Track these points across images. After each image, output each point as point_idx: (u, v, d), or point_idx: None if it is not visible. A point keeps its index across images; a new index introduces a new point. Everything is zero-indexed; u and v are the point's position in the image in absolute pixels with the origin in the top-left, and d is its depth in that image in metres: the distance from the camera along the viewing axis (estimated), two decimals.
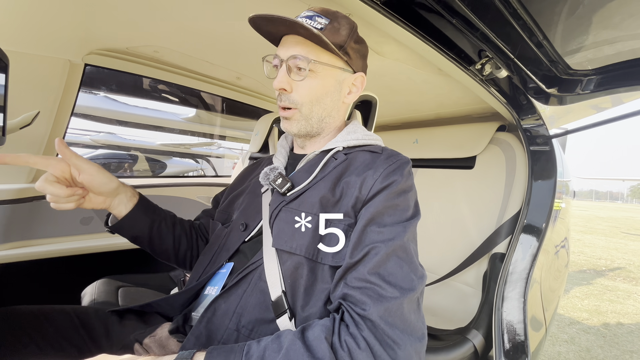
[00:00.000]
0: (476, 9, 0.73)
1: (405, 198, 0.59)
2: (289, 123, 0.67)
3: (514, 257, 1.06)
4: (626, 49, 0.81)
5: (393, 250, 0.52)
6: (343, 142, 0.68)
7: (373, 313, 0.47)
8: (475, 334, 1.01)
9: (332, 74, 0.66)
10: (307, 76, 0.62)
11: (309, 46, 0.62)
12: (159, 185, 1.57)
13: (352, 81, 0.70)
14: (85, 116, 3.81)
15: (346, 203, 0.59)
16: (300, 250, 0.56)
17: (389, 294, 0.49)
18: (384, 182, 0.58)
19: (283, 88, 0.63)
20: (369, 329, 0.46)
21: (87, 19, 0.98)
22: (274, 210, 0.63)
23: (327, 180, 0.62)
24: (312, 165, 0.67)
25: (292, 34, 0.62)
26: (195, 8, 0.89)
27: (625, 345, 2.81)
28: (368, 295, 0.49)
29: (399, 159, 0.63)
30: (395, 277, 0.51)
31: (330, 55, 0.64)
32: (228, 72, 1.41)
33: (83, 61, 1.18)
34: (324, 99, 0.67)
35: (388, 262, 0.52)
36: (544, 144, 1.17)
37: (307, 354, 0.44)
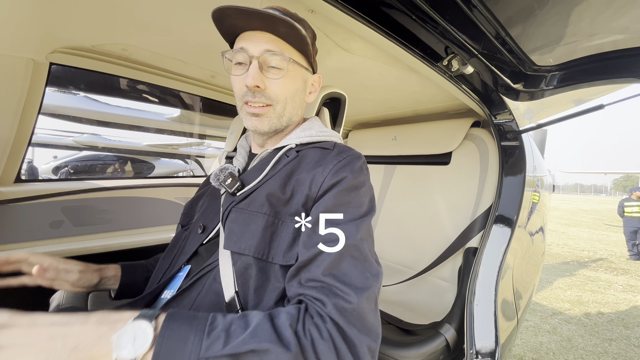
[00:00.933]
0: (436, 5, 0.73)
1: (356, 194, 0.58)
2: (259, 120, 0.64)
3: (485, 251, 1.08)
4: (584, 45, 0.83)
5: (346, 250, 0.51)
6: (296, 139, 0.68)
7: (331, 311, 0.46)
8: (448, 328, 1.03)
9: (301, 74, 0.66)
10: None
11: (282, 44, 0.60)
12: (133, 187, 1.53)
13: (312, 81, 0.71)
14: (66, 117, 3.72)
15: (297, 202, 0.58)
16: (249, 250, 0.56)
17: (345, 295, 0.48)
18: (334, 178, 0.57)
19: (257, 85, 0.60)
20: (332, 323, 0.46)
21: (48, 16, 0.95)
22: (225, 210, 0.62)
23: (277, 179, 0.62)
24: (264, 163, 0.66)
25: (265, 31, 0.60)
26: (163, 4, 0.87)
27: (604, 334, 2.90)
28: (325, 294, 0.48)
29: (349, 154, 0.62)
30: (349, 277, 0.50)
31: (299, 55, 0.64)
32: (202, 71, 1.39)
33: (47, 60, 1.14)
34: (294, 97, 0.66)
35: (342, 262, 0.51)
36: (514, 139, 1.19)
37: (275, 336, 0.42)
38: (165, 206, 1.62)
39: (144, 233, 1.53)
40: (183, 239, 0.70)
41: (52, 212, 1.30)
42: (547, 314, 3.28)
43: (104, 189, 1.44)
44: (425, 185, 1.49)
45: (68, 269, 0.67)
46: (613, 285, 4.45)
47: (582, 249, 7.12)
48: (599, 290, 4.16)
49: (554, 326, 3.01)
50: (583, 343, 2.72)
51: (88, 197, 1.40)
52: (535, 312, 3.31)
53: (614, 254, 6.69)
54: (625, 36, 0.79)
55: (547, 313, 3.32)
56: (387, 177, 1.66)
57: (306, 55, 0.66)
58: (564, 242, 8.05)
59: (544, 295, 3.86)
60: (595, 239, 8.72)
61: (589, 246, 7.52)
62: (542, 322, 3.08)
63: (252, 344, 0.40)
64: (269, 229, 0.57)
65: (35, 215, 1.26)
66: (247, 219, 0.59)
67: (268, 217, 0.58)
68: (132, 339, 0.38)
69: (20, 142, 1.23)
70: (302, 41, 0.60)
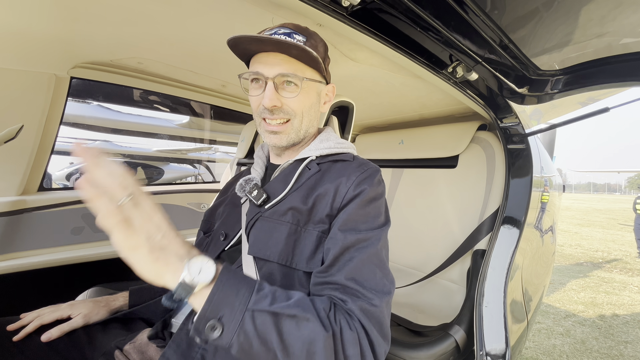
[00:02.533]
0: (439, 16, 0.76)
1: (375, 206, 0.62)
2: (278, 137, 0.68)
3: (494, 253, 1.09)
4: (587, 50, 0.84)
5: (368, 257, 0.55)
6: (316, 152, 0.71)
7: (356, 311, 0.50)
8: (458, 330, 1.04)
9: (314, 87, 0.69)
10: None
11: (295, 64, 0.64)
12: (150, 193, 1.58)
13: (326, 92, 0.74)
14: (80, 125, 3.83)
15: (320, 211, 0.61)
16: (274, 257, 0.59)
17: (368, 298, 0.51)
18: (356, 190, 0.61)
19: (274, 105, 0.64)
20: (358, 321, 0.49)
21: (70, 34, 1.01)
22: (250, 220, 0.66)
23: (301, 191, 0.65)
24: (287, 175, 0.69)
25: (278, 52, 0.63)
26: (177, 20, 0.92)
27: (620, 336, 2.84)
28: (349, 297, 0.52)
29: (369, 167, 0.66)
30: (370, 282, 0.53)
31: (312, 71, 0.67)
32: (213, 81, 1.44)
33: (68, 74, 1.21)
34: (310, 111, 0.70)
35: (363, 268, 0.54)
36: (520, 142, 1.20)
37: (315, 312, 0.47)
38: (180, 212, 1.67)
39: None
40: (205, 245, 0.74)
41: (73, 219, 1.36)
42: (560, 316, 3.23)
43: None
44: (432, 188, 1.50)
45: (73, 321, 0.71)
46: (628, 286, 4.34)
47: (596, 250, 6.97)
48: (614, 292, 4.07)
49: (567, 328, 2.96)
50: (597, 346, 2.67)
51: None
52: (548, 315, 3.26)
53: (629, 254, 6.52)
54: (629, 40, 0.80)
55: (560, 315, 3.26)
56: (395, 181, 1.68)
57: (319, 69, 0.69)
58: (577, 242, 7.88)
59: (557, 297, 3.80)
60: (609, 239, 8.51)
61: (602, 246, 7.35)
62: (555, 325, 3.03)
63: (295, 310, 0.45)
64: (292, 237, 0.60)
65: (57, 222, 1.32)
66: (272, 227, 0.62)
67: (291, 226, 0.61)
68: (199, 271, 0.44)
69: (43, 153, 1.30)
70: (314, 59, 0.63)
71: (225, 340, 0.43)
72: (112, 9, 0.86)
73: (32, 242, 1.28)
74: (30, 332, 0.65)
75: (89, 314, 0.71)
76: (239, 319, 0.44)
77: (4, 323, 0.66)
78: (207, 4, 0.82)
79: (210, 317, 0.43)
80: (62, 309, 0.71)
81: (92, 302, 0.74)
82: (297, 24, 0.67)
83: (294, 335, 0.44)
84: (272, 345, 0.44)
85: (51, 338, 0.65)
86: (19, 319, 0.68)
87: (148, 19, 0.92)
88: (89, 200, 0.41)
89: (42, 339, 0.64)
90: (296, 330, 0.45)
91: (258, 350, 0.44)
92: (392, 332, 0.70)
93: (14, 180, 1.24)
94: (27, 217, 1.27)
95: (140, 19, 0.92)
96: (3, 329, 0.65)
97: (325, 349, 0.44)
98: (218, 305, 0.44)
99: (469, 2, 0.71)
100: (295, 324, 0.45)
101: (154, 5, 0.84)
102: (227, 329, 0.43)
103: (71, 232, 1.36)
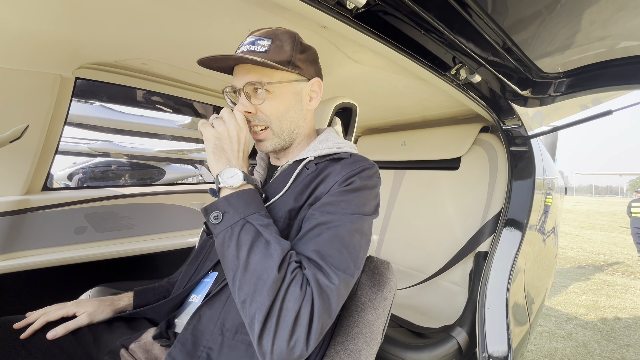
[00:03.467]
0: (443, 18, 0.76)
1: (360, 194, 0.62)
2: (263, 145, 0.71)
3: (496, 255, 1.09)
4: (590, 53, 0.84)
5: (336, 236, 0.56)
6: (314, 152, 0.71)
7: (311, 280, 0.51)
8: (460, 331, 1.04)
9: (288, 89, 0.69)
10: (266, 98, 0.67)
11: (259, 71, 0.66)
12: (151, 194, 1.60)
13: (309, 88, 0.73)
14: (83, 125, 3.85)
15: (308, 205, 0.63)
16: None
17: (325, 272, 0.52)
18: (344, 182, 0.62)
19: (247, 111, 0.68)
20: (310, 289, 0.50)
21: (76, 35, 1.01)
22: None
23: (296, 189, 0.66)
24: (286, 175, 0.70)
25: (242, 64, 0.67)
26: (182, 22, 0.93)
27: (621, 340, 2.83)
28: (309, 267, 0.53)
29: (363, 163, 0.67)
30: (333, 259, 0.54)
31: (281, 73, 0.67)
32: (216, 82, 1.45)
33: (73, 75, 1.22)
34: (288, 113, 0.70)
35: (330, 245, 0.55)
36: (522, 145, 1.20)
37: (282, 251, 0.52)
38: (182, 212, 1.67)
39: (163, 238, 1.59)
40: (208, 246, 0.74)
41: (76, 218, 1.37)
42: (561, 319, 3.22)
43: (124, 196, 1.51)
44: (434, 190, 1.50)
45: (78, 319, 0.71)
46: (630, 289, 4.33)
47: (598, 253, 6.94)
48: (616, 295, 4.05)
49: (569, 332, 2.95)
50: (599, 349, 2.66)
51: (110, 204, 1.46)
52: (549, 317, 3.25)
53: (631, 257, 6.50)
54: (631, 43, 0.81)
55: (561, 318, 3.25)
56: (397, 182, 1.68)
57: (292, 69, 0.68)
58: (578, 245, 7.85)
59: (559, 300, 3.79)
60: (611, 241, 8.48)
61: (604, 249, 7.33)
62: (556, 328, 3.02)
63: (272, 238, 0.54)
64: (284, 232, 0.63)
65: (61, 221, 1.33)
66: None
67: (284, 221, 0.63)
68: (230, 176, 0.59)
69: (48, 152, 1.30)
70: (280, 63, 0.65)
71: (217, 230, 0.55)
72: (117, 10, 0.87)
73: (36, 241, 1.29)
74: (37, 329, 0.66)
75: (94, 313, 0.72)
76: (235, 221, 0.55)
77: (9, 321, 0.67)
78: (212, 6, 0.83)
79: (219, 209, 0.56)
80: (68, 306, 0.71)
81: (98, 301, 0.75)
82: (265, 29, 0.69)
83: (257, 258, 0.52)
84: (241, 254, 0.52)
85: (56, 336, 0.65)
86: (24, 318, 0.68)
87: (153, 20, 0.92)
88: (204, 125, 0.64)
89: (48, 337, 0.65)
90: (262, 257, 0.51)
91: (230, 253, 0.53)
92: (394, 334, 0.71)
93: (18, 179, 1.25)
94: (31, 217, 1.28)
95: (145, 21, 0.93)
96: (8, 327, 0.65)
97: (272, 285, 0.49)
98: (229, 204, 0.57)
99: (472, 5, 0.71)
100: (265, 249, 0.52)
101: (158, 6, 0.84)
102: (223, 222, 0.55)
103: (74, 232, 1.36)
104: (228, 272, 0.53)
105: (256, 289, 0.49)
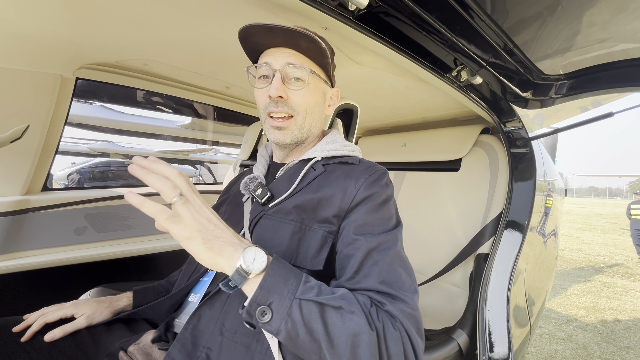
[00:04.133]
0: (445, 21, 0.76)
1: (387, 208, 0.63)
2: (282, 134, 0.68)
3: (497, 257, 1.09)
4: (592, 55, 0.85)
5: (391, 259, 0.56)
6: (322, 152, 0.71)
7: (398, 314, 0.50)
8: (460, 334, 1.04)
9: (320, 86, 0.69)
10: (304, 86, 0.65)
11: (302, 58, 0.64)
12: (152, 194, 1.59)
13: (330, 94, 0.74)
14: (83, 125, 3.85)
15: (326, 211, 0.61)
16: (277, 255, 0.59)
17: (405, 300, 0.52)
18: (366, 191, 0.62)
19: (280, 96, 0.64)
20: (400, 323, 0.49)
21: (77, 35, 1.01)
22: (254, 218, 0.66)
23: (306, 190, 0.65)
24: (292, 174, 0.69)
25: (286, 47, 0.64)
26: (183, 22, 0.93)
27: (621, 342, 2.83)
28: (387, 300, 0.52)
29: (377, 169, 0.67)
30: (399, 284, 0.54)
31: (318, 68, 0.67)
32: (217, 82, 1.45)
33: (74, 75, 1.21)
34: (314, 109, 0.70)
35: (390, 271, 0.55)
36: (523, 146, 1.20)
37: (360, 307, 0.48)
38: None
39: (163, 239, 1.58)
40: None
41: (76, 219, 1.36)
42: (561, 321, 3.22)
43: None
44: (435, 191, 1.50)
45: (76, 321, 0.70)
46: (630, 291, 4.32)
47: (597, 254, 6.94)
48: (616, 297, 4.05)
49: (569, 333, 2.95)
50: (599, 351, 2.65)
51: (110, 204, 1.46)
52: (549, 319, 3.25)
53: (631, 259, 6.50)
54: (631, 46, 0.81)
55: (561, 320, 3.25)
56: (397, 184, 1.68)
57: (325, 68, 0.69)
58: (578, 247, 7.85)
59: (558, 302, 3.79)
60: (611, 243, 8.48)
61: (604, 251, 7.32)
62: (556, 329, 3.02)
63: (341, 302, 0.47)
64: (296, 235, 0.61)
65: (61, 222, 1.33)
66: (276, 225, 0.63)
67: (295, 224, 0.61)
68: (253, 259, 0.46)
69: (48, 153, 1.30)
70: (322, 54, 0.63)
71: (274, 326, 0.45)
72: (118, 10, 0.87)
73: (35, 242, 1.28)
74: (36, 331, 0.65)
75: (92, 315, 0.71)
76: (287, 306, 0.46)
77: (8, 323, 0.66)
78: (213, 6, 0.83)
79: (261, 303, 0.46)
80: (66, 308, 0.70)
81: (96, 303, 0.74)
82: (306, 28, 0.67)
83: (338, 327, 0.46)
84: (318, 335, 0.45)
85: (54, 338, 0.65)
86: (22, 320, 0.68)
87: (154, 20, 0.92)
88: (140, 204, 0.44)
89: (46, 339, 0.64)
90: (341, 323, 0.46)
91: (304, 339, 0.45)
92: None
93: (18, 179, 1.25)
94: (31, 217, 1.27)
95: (147, 21, 0.93)
96: (7, 329, 0.65)
97: (370, 343, 0.45)
98: (269, 291, 0.46)
99: (474, 7, 0.71)
100: (341, 316, 0.46)
101: (160, 7, 0.84)
102: (276, 315, 0.45)
103: (74, 232, 1.36)
104: (311, 357, 0.47)
105: (356, 357, 0.45)
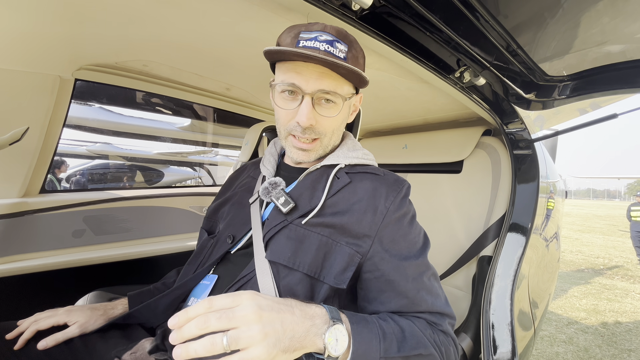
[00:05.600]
0: (449, 21, 0.75)
1: (416, 225, 0.65)
2: (307, 155, 0.65)
3: (500, 260, 1.08)
4: (595, 56, 0.84)
5: (430, 282, 0.61)
6: (345, 159, 0.68)
7: (448, 330, 0.59)
8: (464, 337, 1.03)
9: (348, 102, 0.66)
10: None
11: (335, 79, 0.58)
12: (150, 197, 1.58)
13: (354, 102, 0.71)
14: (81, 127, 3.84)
15: (355, 228, 0.60)
16: (303, 267, 0.57)
17: (448, 316, 0.60)
18: (397, 212, 0.62)
19: (311, 124, 0.60)
20: (451, 338, 0.58)
21: (76, 36, 1.00)
22: (276, 225, 0.62)
23: (334, 206, 0.62)
24: (314, 181, 0.66)
25: (319, 64, 0.56)
26: (183, 23, 0.92)
27: (623, 344, 2.82)
28: (437, 319, 0.59)
29: (403, 185, 0.67)
30: (441, 302, 0.61)
31: (349, 85, 0.63)
32: (217, 84, 1.44)
33: (73, 76, 1.20)
34: (340, 127, 0.69)
35: (433, 293, 0.60)
36: (526, 148, 1.19)
37: (431, 344, 0.54)
38: (181, 215, 1.65)
39: (162, 241, 1.57)
40: (209, 247, 0.71)
41: (74, 221, 1.35)
42: (562, 324, 3.21)
43: (123, 198, 1.49)
44: (437, 193, 1.49)
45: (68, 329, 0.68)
46: (630, 293, 4.32)
47: (597, 256, 6.94)
48: (616, 299, 4.04)
49: (570, 336, 2.94)
50: (601, 354, 2.64)
51: (108, 206, 1.44)
52: (550, 322, 3.23)
53: (630, 261, 6.50)
54: (632, 47, 0.80)
55: (562, 322, 3.24)
56: None
57: (361, 87, 0.66)
58: (577, 249, 7.85)
59: (559, 304, 3.78)
60: (610, 245, 8.49)
61: (603, 253, 7.33)
62: (557, 332, 3.01)
63: (420, 349, 0.52)
64: (322, 249, 0.58)
65: (59, 224, 1.31)
66: (302, 236, 0.60)
67: (322, 237, 0.59)
68: (335, 341, 0.45)
69: (46, 155, 1.29)
70: (361, 80, 0.59)
71: None
72: (117, 11, 0.86)
73: (33, 244, 1.27)
74: (28, 338, 0.63)
75: (86, 324, 0.68)
76: None
77: (1, 329, 0.64)
78: (214, 6, 0.82)
79: None
80: (59, 314, 0.68)
81: (90, 310, 0.71)
82: (338, 28, 0.62)
83: None
84: None
85: (47, 347, 0.63)
86: (15, 325, 0.66)
87: (154, 21, 0.91)
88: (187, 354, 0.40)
89: (39, 347, 0.62)
90: None
91: None
92: None
93: (16, 181, 1.23)
94: (29, 220, 1.26)
95: (146, 22, 0.92)
96: (1, 336, 0.63)
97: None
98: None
99: (478, 7, 0.71)
100: None
101: (159, 7, 0.83)
102: None
103: (72, 235, 1.34)
104: None
105: None
